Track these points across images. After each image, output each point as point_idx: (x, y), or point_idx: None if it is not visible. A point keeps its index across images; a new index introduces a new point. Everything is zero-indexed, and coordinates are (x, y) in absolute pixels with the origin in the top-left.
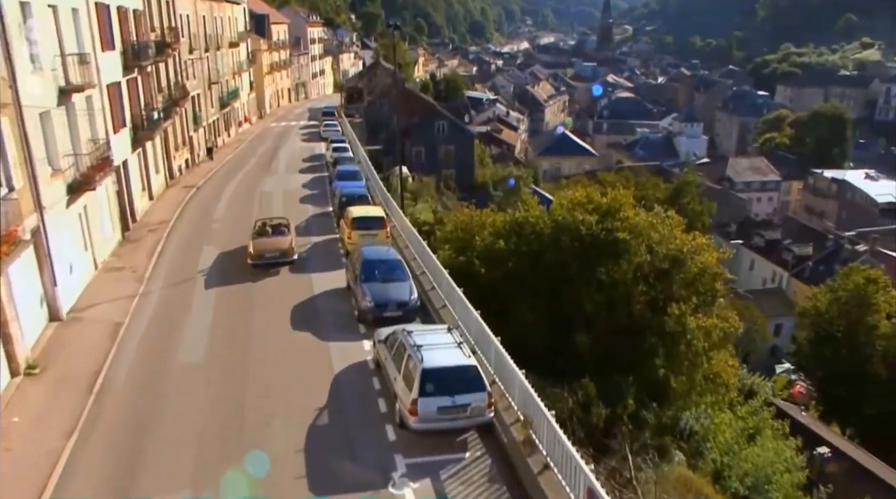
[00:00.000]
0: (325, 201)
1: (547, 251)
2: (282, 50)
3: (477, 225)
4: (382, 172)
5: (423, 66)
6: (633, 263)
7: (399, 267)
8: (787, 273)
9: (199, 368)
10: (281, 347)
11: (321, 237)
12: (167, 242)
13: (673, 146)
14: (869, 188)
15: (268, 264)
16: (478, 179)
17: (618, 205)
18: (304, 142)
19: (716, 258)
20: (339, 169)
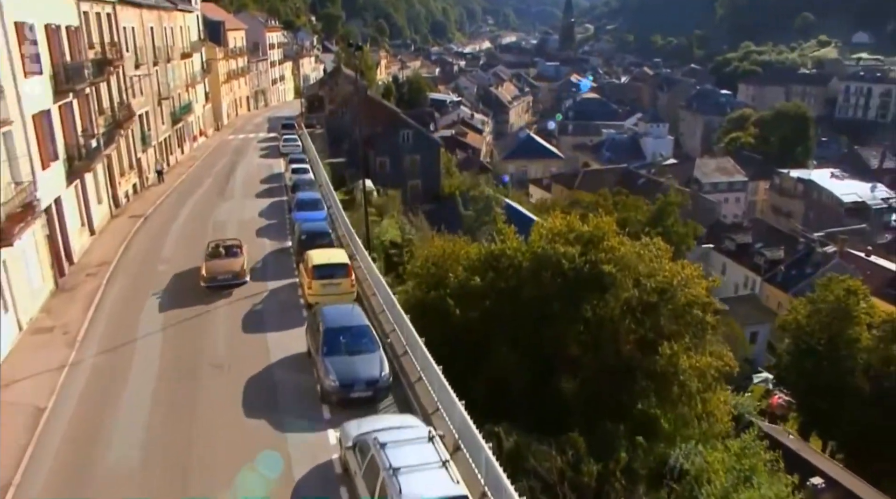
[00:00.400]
0: (283, 234)
1: (526, 287)
2: (239, 57)
3: (450, 258)
4: (346, 185)
5: (386, 68)
6: (619, 298)
7: (367, 334)
8: (759, 278)
9: (132, 474)
10: (230, 441)
11: (279, 282)
12: (107, 289)
13: (639, 147)
14: (835, 188)
15: (220, 286)
16: (444, 190)
17: (601, 233)
18: (262, 158)
19: (705, 288)
20: (298, 197)
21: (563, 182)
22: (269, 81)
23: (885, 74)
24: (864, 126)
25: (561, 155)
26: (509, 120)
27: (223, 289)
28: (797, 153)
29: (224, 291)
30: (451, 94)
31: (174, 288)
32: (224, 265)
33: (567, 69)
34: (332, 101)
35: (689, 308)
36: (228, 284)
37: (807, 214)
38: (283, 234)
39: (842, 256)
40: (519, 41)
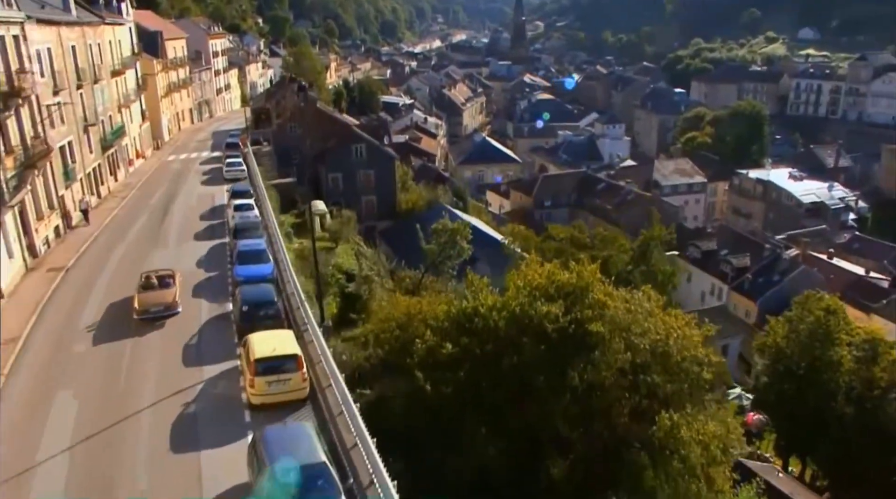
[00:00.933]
0: (225, 291)
1: (505, 355)
2: (180, 68)
3: (415, 319)
4: (297, 206)
5: (336, 71)
6: (610, 363)
7: (324, 473)
8: (726, 286)
9: None
10: None
11: (217, 367)
12: (6, 386)
13: (596, 148)
14: (793, 188)
15: (153, 318)
16: (401, 205)
17: (584, 284)
18: (204, 185)
19: (700, 338)
20: (240, 246)
21: (522, 188)
22: (213, 91)
23: (833, 71)
24: (815, 122)
25: (517, 159)
26: (463, 122)
27: (155, 320)
28: (752, 152)
29: (157, 322)
30: (403, 97)
31: (92, 381)
32: (157, 297)
33: (519, 68)
34: (279, 115)
35: (684, 365)
36: (161, 316)
37: (767, 215)
38: (225, 291)
39: (804, 259)
40: (469, 40)
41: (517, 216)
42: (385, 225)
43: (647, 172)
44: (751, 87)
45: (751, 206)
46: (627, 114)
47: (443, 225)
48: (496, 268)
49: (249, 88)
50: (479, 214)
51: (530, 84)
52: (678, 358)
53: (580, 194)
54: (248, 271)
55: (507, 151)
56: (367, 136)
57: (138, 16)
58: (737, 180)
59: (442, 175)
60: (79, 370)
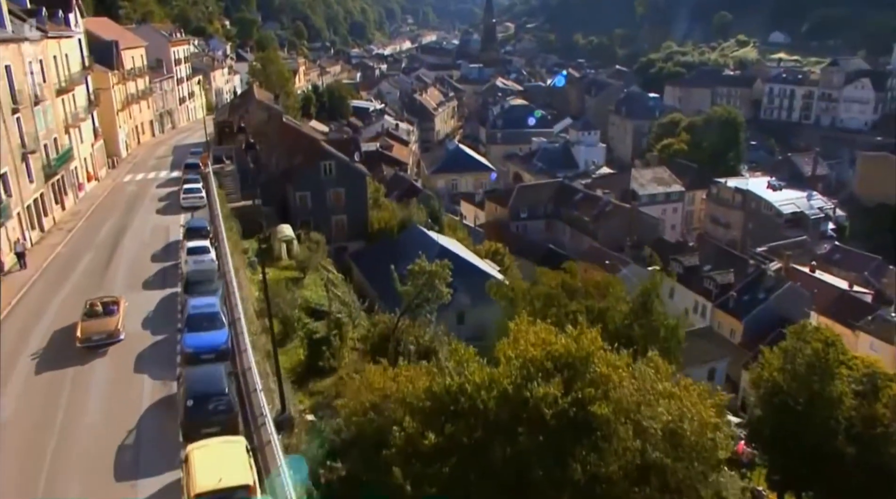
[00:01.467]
0: (172, 364)
1: (496, 444)
2: (139, 78)
3: (393, 399)
4: (262, 231)
5: (305, 75)
6: (619, 453)
7: None
8: (710, 304)
9: None
10: None
11: (155, 481)
12: None
13: (571, 156)
14: (773, 198)
15: (96, 346)
16: (373, 225)
17: (585, 354)
18: (159, 215)
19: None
20: (190, 308)
21: (497, 199)
22: (175, 101)
23: (805, 76)
24: (789, 127)
25: (492, 167)
26: (435, 127)
27: (98, 348)
28: (729, 158)
29: (99, 350)
30: (374, 101)
31: None
32: (99, 325)
33: (491, 71)
34: (243, 131)
35: (698, 447)
36: (103, 344)
37: (746, 225)
38: (173, 364)
39: (787, 273)
40: (440, 41)
41: (493, 228)
42: (357, 245)
43: (624, 181)
44: (724, 91)
45: (730, 215)
46: (601, 119)
47: (419, 267)
48: (477, 298)
49: (215, 96)
50: (455, 231)
51: (503, 88)
52: (692, 439)
53: (557, 205)
54: (199, 341)
55: (480, 158)
56: (336, 152)
57: (92, 24)
58: (715, 189)
59: (415, 186)
60: None
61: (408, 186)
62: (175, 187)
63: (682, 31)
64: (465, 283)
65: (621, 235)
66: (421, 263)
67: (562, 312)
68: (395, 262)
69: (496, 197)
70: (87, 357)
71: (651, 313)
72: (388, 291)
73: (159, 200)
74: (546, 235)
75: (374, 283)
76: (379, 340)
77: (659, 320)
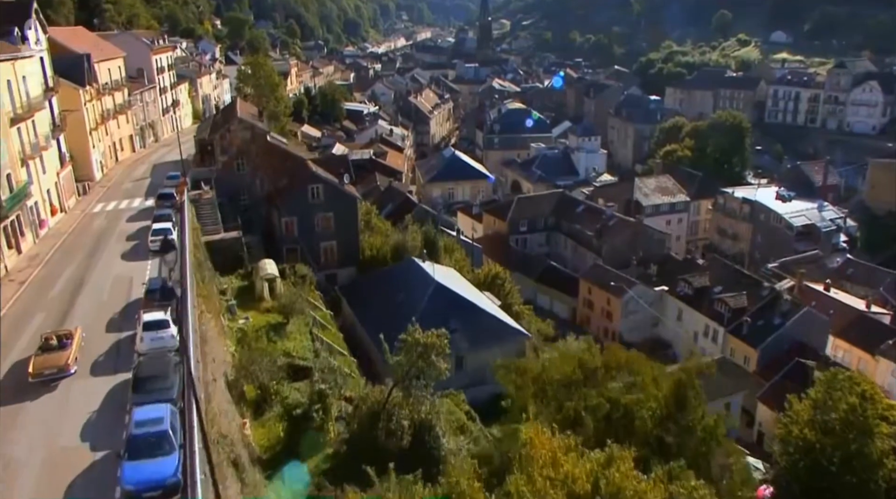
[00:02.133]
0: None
1: None
2: (116, 92)
3: None
4: (244, 265)
5: (297, 76)
6: None
7: None
8: (722, 329)
9: None
10: None
11: None
12: None
13: (571, 163)
14: (782, 210)
15: (48, 380)
16: (366, 252)
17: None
18: (123, 261)
19: None
20: (133, 426)
21: (496, 212)
22: (158, 111)
23: (811, 78)
24: (794, 131)
25: (490, 175)
26: (431, 130)
27: (50, 382)
28: (733, 164)
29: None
30: (367, 104)
31: None
32: (51, 360)
33: (487, 71)
34: (224, 152)
35: None
36: (55, 378)
37: (755, 237)
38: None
39: (800, 291)
40: (435, 38)
41: (492, 242)
42: (348, 272)
43: (626, 191)
44: (727, 93)
45: (737, 227)
46: (601, 122)
47: (413, 338)
48: (476, 341)
49: (202, 103)
50: (452, 253)
51: (499, 90)
52: None
53: (557, 217)
54: (140, 475)
55: (478, 166)
56: (324, 175)
57: (63, 34)
58: (721, 200)
59: (410, 200)
60: None
61: (402, 199)
62: (147, 221)
63: (681, 29)
64: (464, 323)
65: (626, 251)
66: (414, 335)
67: (581, 405)
68: (387, 297)
69: (494, 209)
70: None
71: (686, 410)
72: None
73: (127, 238)
74: (547, 248)
75: (366, 322)
76: (368, 416)
77: (696, 419)
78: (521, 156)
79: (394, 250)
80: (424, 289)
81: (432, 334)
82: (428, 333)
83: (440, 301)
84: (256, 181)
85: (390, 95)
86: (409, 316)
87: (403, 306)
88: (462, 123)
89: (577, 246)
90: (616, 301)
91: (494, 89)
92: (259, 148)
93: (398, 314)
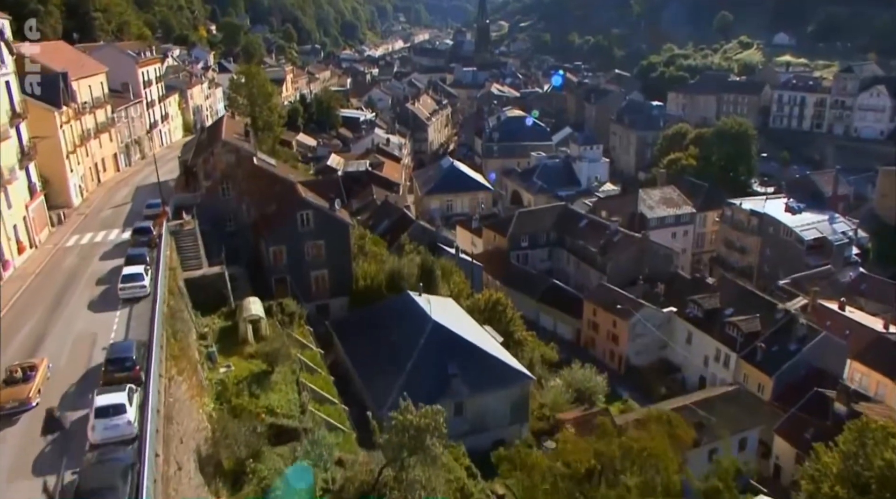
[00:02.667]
0: None
1: None
2: (98, 109)
3: None
4: (228, 303)
5: (292, 83)
6: None
7: None
8: (735, 354)
9: None
10: None
11: None
12: None
13: (573, 172)
14: (792, 223)
15: (9, 415)
16: (359, 281)
17: None
18: (90, 312)
19: None
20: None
21: (496, 227)
22: (145, 127)
23: (817, 83)
24: (799, 136)
25: (490, 186)
26: (428, 137)
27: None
28: (739, 172)
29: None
30: (364, 111)
31: None
32: (12, 393)
33: (485, 75)
34: (208, 176)
35: None
36: (16, 412)
37: (764, 250)
38: None
39: (814, 311)
40: (433, 40)
41: (492, 258)
42: (340, 302)
43: (630, 203)
44: (731, 98)
45: (745, 239)
46: (602, 128)
47: (403, 419)
48: (476, 385)
49: (193, 114)
50: (450, 277)
51: (498, 95)
52: None
53: (560, 232)
54: None
55: (477, 176)
56: (314, 202)
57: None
58: (729, 212)
59: (407, 216)
60: None
61: (399, 215)
62: (121, 259)
63: (681, 31)
64: (463, 366)
65: (631, 268)
66: (405, 415)
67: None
68: (381, 336)
69: (494, 225)
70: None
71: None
72: (374, 372)
73: (98, 281)
74: (549, 263)
75: (358, 364)
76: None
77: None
78: (520, 164)
79: (389, 279)
80: (421, 328)
81: (427, 412)
82: (421, 412)
83: (437, 342)
84: (243, 207)
85: (387, 101)
86: (404, 359)
87: (399, 347)
88: (461, 128)
89: (580, 262)
90: (623, 324)
91: (493, 95)
92: (245, 172)
93: (393, 356)
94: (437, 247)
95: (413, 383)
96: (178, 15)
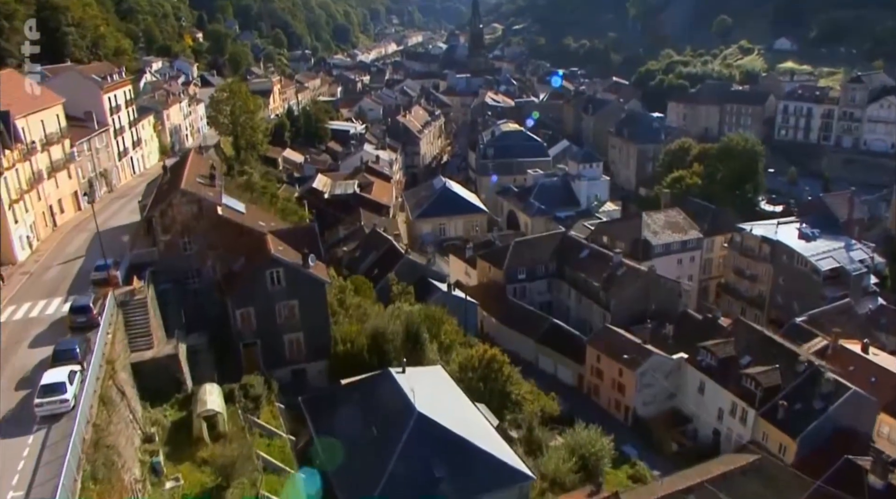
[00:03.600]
0: None
1: None
2: (53, 146)
3: None
4: (184, 389)
5: (280, 93)
6: None
7: None
8: (753, 410)
9: None
10: None
11: None
12: None
13: (572, 191)
14: (807, 251)
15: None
16: (339, 347)
17: None
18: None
19: None
20: None
21: (491, 259)
22: (113, 157)
23: (824, 93)
24: (806, 149)
25: (484, 208)
26: (420, 151)
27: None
28: (746, 190)
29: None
30: (354, 122)
31: None
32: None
33: (479, 82)
34: (166, 231)
35: None
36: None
37: (776, 279)
38: None
39: (835, 353)
40: (426, 43)
41: (486, 293)
42: (318, 366)
43: (635, 229)
44: (734, 109)
45: (756, 267)
46: (601, 139)
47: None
48: (467, 489)
49: (171, 135)
50: (441, 326)
51: (492, 106)
52: None
53: (560, 262)
54: None
55: (471, 198)
56: (284, 259)
57: None
58: (738, 238)
59: (395, 249)
60: None
61: (387, 248)
62: (52, 347)
63: (679, 35)
64: (452, 466)
65: (636, 305)
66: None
67: None
68: (360, 425)
69: (489, 255)
70: None
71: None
72: (350, 475)
73: (17, 385)
74: (548, 296)
75: (333, 463)
76: None
77: None
78: (517, 181)
79: (371, 341)
80: (404, 420)
81: None
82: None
83: (423, 438)
84: (207, 262)
85: (378, 111)
86: (385, 457)
87: (378, 443)
88: (454, 139)
89: (581, 297)
90: (630, 374)
91: (487, 105)
92: (208, 223)
93: (372, 453)
94: (427, 283)
95: (395, 486)
96: (163, 23)
